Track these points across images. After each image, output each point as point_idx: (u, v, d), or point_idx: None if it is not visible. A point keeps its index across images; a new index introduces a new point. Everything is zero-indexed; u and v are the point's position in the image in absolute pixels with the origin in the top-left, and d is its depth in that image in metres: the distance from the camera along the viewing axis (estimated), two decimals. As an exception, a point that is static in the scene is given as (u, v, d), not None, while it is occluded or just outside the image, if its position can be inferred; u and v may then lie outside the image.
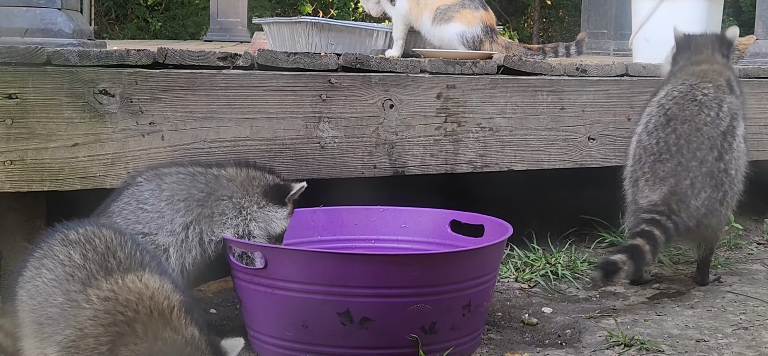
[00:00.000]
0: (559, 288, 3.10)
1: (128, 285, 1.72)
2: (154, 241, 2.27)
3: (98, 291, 1.70)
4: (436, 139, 3.06)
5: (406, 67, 3.01)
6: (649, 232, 2.81)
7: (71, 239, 1.84)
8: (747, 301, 2.95)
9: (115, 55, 2.56)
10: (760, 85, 3.76)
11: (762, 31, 4.44)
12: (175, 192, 2.33)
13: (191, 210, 2.33)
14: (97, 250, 1.79)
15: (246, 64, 2.76)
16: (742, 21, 9.22)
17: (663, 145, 2.96)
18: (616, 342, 2.51)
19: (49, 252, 1.84)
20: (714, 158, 2.94)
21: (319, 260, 2.26)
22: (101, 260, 1.77)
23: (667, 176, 2.92)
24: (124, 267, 1.76)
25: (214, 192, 2.37)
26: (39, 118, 2.46)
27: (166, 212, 2.30)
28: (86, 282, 1.72)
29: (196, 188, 2.36)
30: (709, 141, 2.95)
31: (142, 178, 2.37)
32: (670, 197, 2.89)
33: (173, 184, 2.35)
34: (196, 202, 2.34)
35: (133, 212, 2.30)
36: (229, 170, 2.43)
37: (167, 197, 2.32)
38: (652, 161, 2.97)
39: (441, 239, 2.79)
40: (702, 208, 2.90)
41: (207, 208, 2.35)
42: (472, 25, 3.64)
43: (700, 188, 2.90)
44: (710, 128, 2.96)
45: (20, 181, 2.45)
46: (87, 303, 1.69)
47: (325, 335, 2.24)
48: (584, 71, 3.37)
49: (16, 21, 2.62)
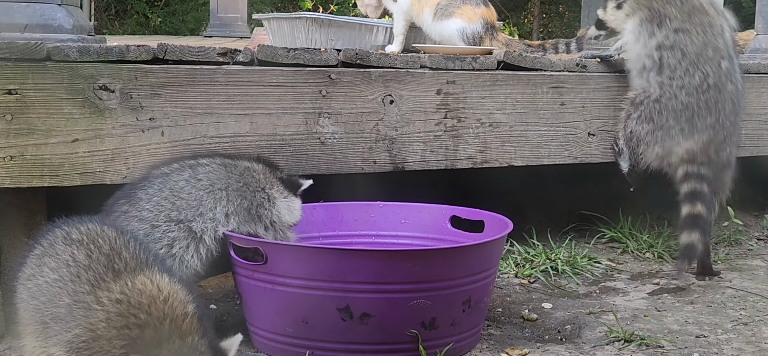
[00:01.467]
0: (559, 283, 3.10)
1: (139, 287, 1.72)
2: (189, 227, 2.32)
3: (109, 294, 1.70)
4: (436, 134, 3.06)
5: (406, 62, 3.01)
6: (694, 190, 3.05)
7: (74, 238, 1.83)
8: (747, 297, 2.96)
9: (114, 51, 2.55)
10: (760, 81, 3.76)
11: (762, 26, 4.44)
12: (213, 182, 2.39)
13: (232, 200, 2.39)
14: (102, 250, 1.79)
15: (246, 60, 2.76)
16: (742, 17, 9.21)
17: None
18: (616, 337, 2.51)
19: (50, 251, 1.83)
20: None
21: (320, 255, 2.26)
22: (107, 260, 1.76)
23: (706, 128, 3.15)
24: (130, 267, 1.76)
25: (249, 184, 2.44)
26: (39, 113, 2.46)
27: (205, 201, 2.36)
28: (95, 283, 1.72)
29: (232, 178, 2.42)
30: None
31: (171, 168, 2.41)
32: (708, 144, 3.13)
33: (210, 173, 2.40)
34: (235, 192, 2.41)
35: (167, 199, 2.33)
36: (254, 164, 2.50)
37: (206, 187, 2.37)
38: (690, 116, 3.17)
39: (441, 235, 2.79)
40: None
41: (246, 199, 2.42)
42: (472, 21, 3.64)
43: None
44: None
45: (20, 177, 2.45)
46: (98, 304, 1.68)
47: (325, 330, 2.24)
48: (584, 67, 3.37)
49: (16, 16, 2.62)
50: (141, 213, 2.30)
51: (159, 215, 2.31)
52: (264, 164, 2.52)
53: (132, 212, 2.31)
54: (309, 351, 2.27)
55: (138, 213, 2.30)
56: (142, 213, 2.30)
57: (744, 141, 3.63)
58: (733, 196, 3.41)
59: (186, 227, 2.32)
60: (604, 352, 2.43)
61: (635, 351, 2.43)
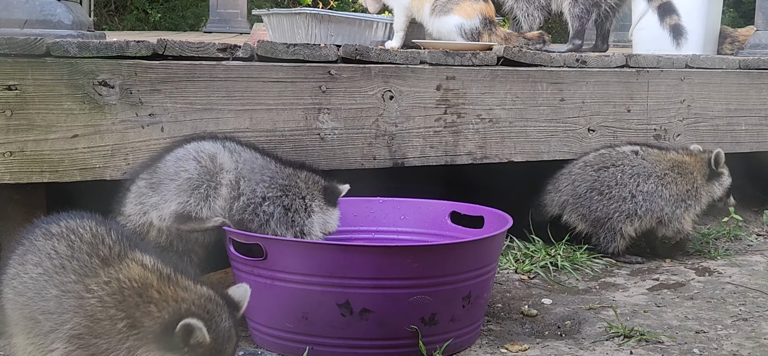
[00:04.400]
0: (558, 279, 3.10)
1: (128, 264, 1.74)
2: (238, 186, 2.41)
3: (97, 279, 1.71)
4: (436, 130, 3.06)
5: (405, 58, 3.01)
6: None
7: (54, 232, 1.84)
8: (746, 292, 2.96)
9: (114, 47, 2.55)
10: (760, 77, 3.76)
11: (762, 22, 4.43)
12: (263, 166, 2.47)
13: (272, 188, 2.46)
14: (83, 239, 1.80)
15: (246, 56, 2.76)
16: (742, 12, 9.21)
17: None
18: (615, 333, 2.51)
19: (30, 247, 1.84)
20: None
21: (319, 251, 2.26)
22: (90, 249, 1.77)
23: None
24: (115, 251, 1.78)
25: (292, 187, 2.50)
26: (38, 109, 2.46)
27: (255, 175, 2.45)
28: (81, 272, 1.73)
29: (280, 175, 2.49)
30: None
31: (234, 143, 2.50)
32: None
33: (261, 159, 2.49)
34: (279, 187, 2.47)
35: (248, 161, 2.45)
36: (298, 171, 2.55)
37: (260, 167, 2.46)
38: None
39: (441, 231, 2.79)
40: None
41: (287, 198, 2.48)
42: (471, 17, 3.64)
43: None
44: None
45: (20, 172, 2.45)
46: (88, 291, 1.69)
47: (325, 326, 2.24)
48: (584, 63, 3.37)
49: (15, 12, 2.62)
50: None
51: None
52: (307, 171, 2.56)
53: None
54: (309, 346, 2.27)
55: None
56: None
57: (744, 137, 3.64)
58: (734, 192, 3.41)
59: (229, 181, 2.41)
60: (604, 348, 2.43)
61: (635, 346, 2.43)
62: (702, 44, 4.24)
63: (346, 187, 2.59)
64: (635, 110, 3.47)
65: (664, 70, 3.53)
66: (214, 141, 2.47)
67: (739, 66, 3.72)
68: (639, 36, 4.32)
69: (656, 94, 3.52)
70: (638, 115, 3.49)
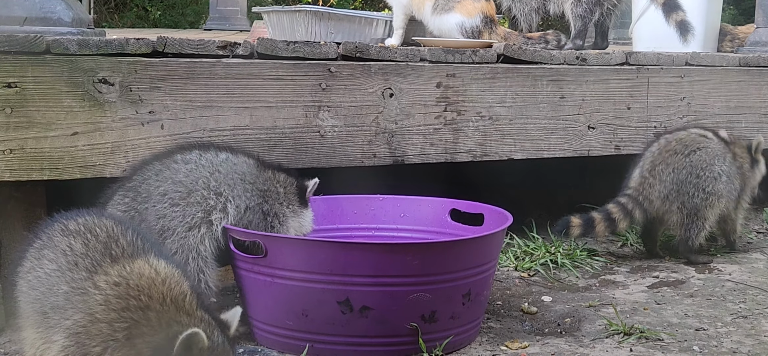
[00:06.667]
0: (558, 276, 3.10)
1: (137, 270, 1.73)
2: (223, 198, 2.37)
3: (106, 277, 1.71)
4: (436, 128, 3.06)
5: (405, 55, 3.01)
6: None
7: (71, 228, 1.84)
8: (746, 290, 2.96)
9: (114, 44, 2.55)
10: (760, 74, 3.76)
11: (762, 19, 4.43)
12: (245, 173, 2.44)
13: (253, 197, 2.44)
14: (99, 238, 1.80)
15: (245, 53, 2.76)
16: (742, 9, 9.20)
17: None
18: (615, 330, 2.52)
19: (48, 243, 1.85)
20: None
21: (319, 248, 2.26)
22: (104, 248, 1.77)
23: None
24: (128, 253, 1.78)
25: (271, 192, 2.48)
26: (38, 107, 2.46)
27: (237, 186, 2.41)
28: (92, 269, 1.73)
29: (260, 179, 2.47)
30: None
31: (213, 151, 2.46)
32: None
33: (243, 164, 2.46)
34: (259, 192, 2.45)
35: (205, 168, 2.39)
36: (276, 173, 2.53)
37: (241, 174, 2.43)
38: None
39: (441, 228, 2.79)
40: None
41: (267, 204, 2.46)
42: (472, 16, 3.64)
43: None
44: None
45: (20, 170, 2.45)
46: (95, 288, 1.69)
47: (325, 323, 2.25)
48: (584, 60, 3.37)
49: (15, 9, 2.62)
50: (176, 176, 2.36)
51: (196, 183, 2.36)
52: (283, 172, 2.55)
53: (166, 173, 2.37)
54: (309, 343, 2.27)
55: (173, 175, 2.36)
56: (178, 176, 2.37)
57: (744, 134, 3.63)
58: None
59: (216, 192, 2.38)
60: (604, 345, 2.43)
61: (635, 344, 2.44)
62: (702, 42, 4.23)
63: (314, 181, 2.57)
64: (635, 107, 3.47)
65: (664, 67, 3.53)
66: (194, 166, 2.41)
67: (739, 64, 3.72)
68: (639, 33, 4.32)
69: (656, 91, 3.52)
70: (638, 112, 3.49)
